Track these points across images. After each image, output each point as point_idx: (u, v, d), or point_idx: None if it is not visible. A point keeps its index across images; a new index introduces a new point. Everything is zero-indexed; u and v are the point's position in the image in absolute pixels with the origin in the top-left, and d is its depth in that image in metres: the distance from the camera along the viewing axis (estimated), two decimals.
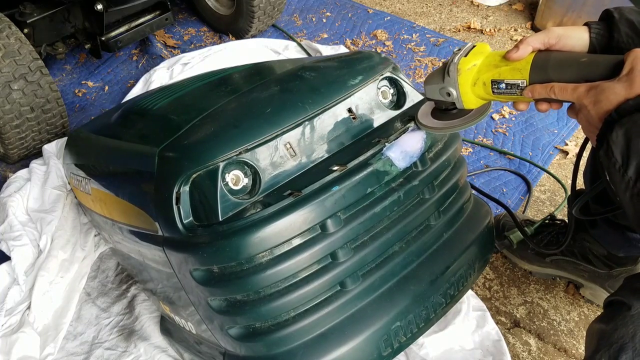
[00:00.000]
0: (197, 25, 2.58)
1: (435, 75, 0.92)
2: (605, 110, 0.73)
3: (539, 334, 1.35)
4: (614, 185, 0.73)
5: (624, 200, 0.73)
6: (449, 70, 0.88)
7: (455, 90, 0.89)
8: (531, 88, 0.83)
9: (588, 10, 2.28)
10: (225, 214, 0.90)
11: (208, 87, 1.24)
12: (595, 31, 0.87)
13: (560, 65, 0.82)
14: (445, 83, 0.90)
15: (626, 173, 0.70)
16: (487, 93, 0.88)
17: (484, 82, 0.87)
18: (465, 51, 0.89)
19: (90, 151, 1.25)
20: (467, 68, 0.87)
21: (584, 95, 0.76)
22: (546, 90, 0.81)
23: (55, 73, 2.28)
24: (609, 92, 0.73)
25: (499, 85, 0.86)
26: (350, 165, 0.96)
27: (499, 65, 0.86)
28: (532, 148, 1.86)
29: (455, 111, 0.95)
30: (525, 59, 0.84)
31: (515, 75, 0.84)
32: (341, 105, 1.04)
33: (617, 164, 0.71)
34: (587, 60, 0.81)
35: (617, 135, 0.70)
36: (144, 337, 1.32)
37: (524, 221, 1.47)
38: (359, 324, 0.97)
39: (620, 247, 1.27)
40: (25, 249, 1.44)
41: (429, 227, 1.08)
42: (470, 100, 0.90)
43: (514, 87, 0.85)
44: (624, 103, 0.71)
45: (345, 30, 2.52)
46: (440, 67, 0.93)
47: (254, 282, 0.89)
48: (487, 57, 0.88)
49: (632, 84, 0.71)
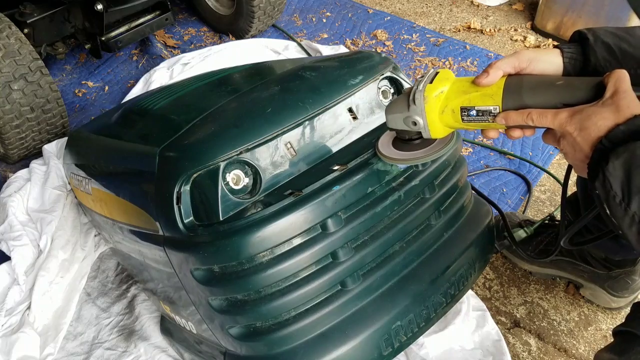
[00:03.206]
0: (197, 25, 2.58)
1: (398, 104, 0.86)
2: (594, 137, 0.69)
3: (539, 334, 1.35)
4: (615, 218, 0.70)
5: (629, 234, 0.69)
6: (414, 98, 0.83)
7: (422, 119, 0.84)
8: (505, 115, 0.78)
9: (588, 10, 2.27)
10: (226, 214, 0.90)
11: (208, 87, 1.24)
12: (568, 55, 0.84)
13: (534, 89, 0.77)
14: (411, 112, 0.84)
15: (629, 207, 0.67)
16: (455, 121, 0.83)
17: (452, 109, 0.82)
18: (430, 77, 0.84)
19: (90, 151, 1.25)
20: (434, 95, 0.82)
21: (567, 121, 0.72)
22: (522, 117, 0.76)
23: (55, 73, 2.28)
24: (596, 117, 0.69)
25: (469, 112, 0.81)
26: (351, 165, 0.96)
27: (468, 92, 0.81)
28: (532, 148, 1.86)
29: (419, 141, 0.90)
30: (496, 84, 0.80)
31: (487, 101, 0.80)
32: (341, 105, 1.04)
33: (617, 197, 0.67)
34: (564, 83, 0.77)
35: (614, 167, 0.67)
36: (144, 337, 1.31)
37: (524, 221, 1.47)
38: (359, 324, 0.97)
39: (616, 252, 1.27)
40: (25, 249, 1.44)
41: (430, 227, 1.08)
42: (437, 129, 0.85)
43: (486, 113, 0.80)
44: (615, 129, 0.68)
45: (345, 30, 2.52)
46: (401, 95, 0.88)
47: (255, 281, 0.89)
48: (454, 83, 0.84)
49: (619, 107, 0.68)
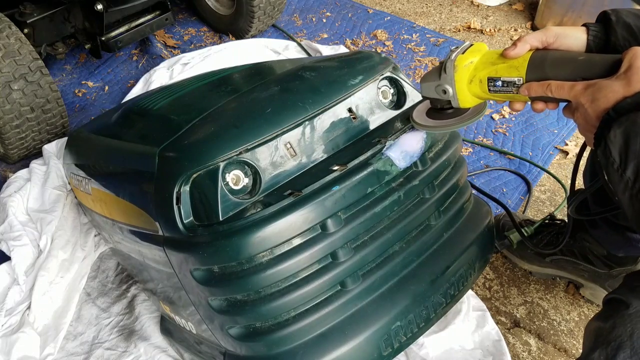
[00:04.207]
0: (197, 25, 2.58)
1: (432, 73, 0.91)
2: (602, 108, 0.72)
3: (539, 334, 1.35)
4: (612, 185, 0.73)
5: (622, 200, 0.72)
6: (445, 67, 0.88)
7: (452, 87, 0.88)
8: (528, 86, 0.82)
9: (588, 10, 2.28)
10: (225, 214, 0.90)
11: (208, 87, 1.24)
12: (593, 33, 0.87)
13: (557, 63, 0.81)
14: (442, 80, 0.89)
15: (624, 173, 0.69)
16: (483, 91, 0.87)
17: (480, 79, 0.86)
18: (463, 49, 0.89)
19: (90, 151, 1.25)
20: (464, 65, 0.87)
21: (581, 93, 0.75)
22: (543, 88, 0.80)
23: (55, 73, 2.28)
24: (607, 89, 0.72)
25: (496, 83, 0.85)
26: (351, 165, 0.96)
27: (496, 63, 0.85)
28: (532, 148, 1.86)
29: (451, 111, 0.94)
30: (522, 57, 0.83)
31: (512, 72, 0.83)
32: (341, 105, 1.04)
33: (615, 163, 0.70)
34: (585, 59, 0.80)
35: (615, 135, 0.69)
36: (144, 337, 1.31)
37: (524, 221, 1.47)
38: (359, 324, 0.97)
39: (620, 247, 1.27)
40: (25, 249, 1.44)
41: (429, 227, 1.08)
42: (465, 98, 0.89)
43: (511, 84, 0.84)
44: (622, 101, 0.70)
45: (345, 30, 2.52)
46: (437, 65, 0.92)
47: (255, 281, 0.89)
48: (484, 55, 0.88)
49: (630, 81, 0.70)
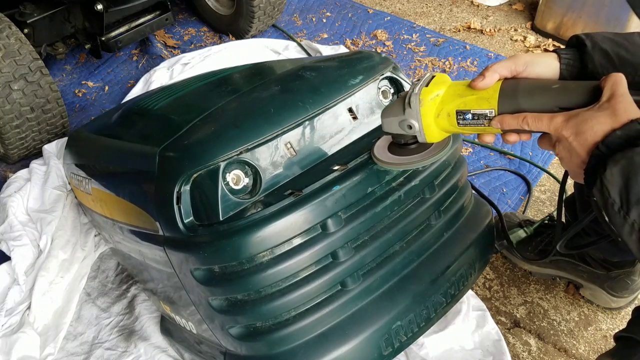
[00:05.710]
0: (197, 25, 2.58)
1: (394, 107, 0.86)
2: (590, 142, 0.68)
3: (539, 334, 1.35)
4: (614, 226, 0.69)
5: (629, 241, 0.68)
6: (410, 101, 0.82)
7: (418, 122, 0.83)
8: (500, 119, 0.77)
9: (588, 11, 2.28)
10: (226, 214, 0.90)
11: (208, 87, 1.24)
12: (565, 60, 0.83)
13: (530, 93, 0.77)
14: (407, 115, 0.83)
15: (628, 216, 0.65)
16: (451, 125, 0.83)
17: (448, 112, 0.82)
18: (426, 81, 0.84)
19: (90, 151, 1.25)
20: (430, 98, 0.82)
21: (563, 125, 0.71)
22: (517, 121, 0.75)
23: (55, 73, 2.28)
24: (592, 121, 0.68)
25: (465, 116, 0.81)
26: (351, 165, 0.96)
27: (464, 95, 0.81)
28: (532, 148, 1.86)
29: (415, 145, 0.89)
30: (492, 87, 0.79)
31: (483, 104, 0.79)
32: (341, 105, 1.04)
33: (616, 205, 0.66)
34: (559, 87, 0.76)
35: (612, 174, 0.65)
36: (144, 337, 1.31)
37: (523, 221, 1.47)
38: (359, 324, 0.97)
39: (614, 254, 1.27)
40: (25, 249, 1.44)
41: (430, 227, 1.08)
42: (433, 133, 0.84)
43: (482, 117, 0.80)
44: (611, 134, 0.66)
45: (345, 30, 2.52)
46: (397, 99, 0.87)
47: (255, 281, 0.89)
48: (450, 86, 0.83)
49: (615, 110, 0.67)
